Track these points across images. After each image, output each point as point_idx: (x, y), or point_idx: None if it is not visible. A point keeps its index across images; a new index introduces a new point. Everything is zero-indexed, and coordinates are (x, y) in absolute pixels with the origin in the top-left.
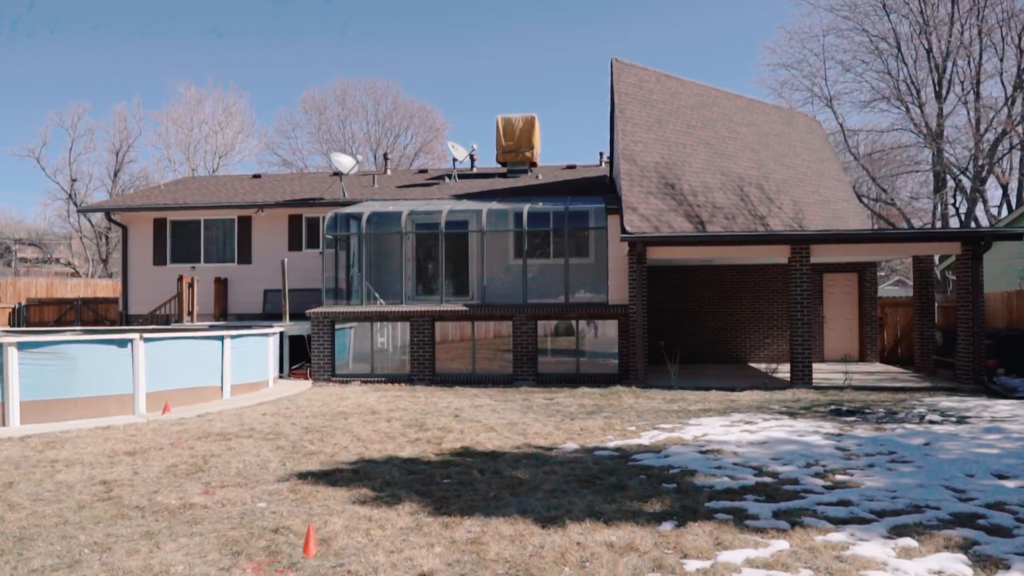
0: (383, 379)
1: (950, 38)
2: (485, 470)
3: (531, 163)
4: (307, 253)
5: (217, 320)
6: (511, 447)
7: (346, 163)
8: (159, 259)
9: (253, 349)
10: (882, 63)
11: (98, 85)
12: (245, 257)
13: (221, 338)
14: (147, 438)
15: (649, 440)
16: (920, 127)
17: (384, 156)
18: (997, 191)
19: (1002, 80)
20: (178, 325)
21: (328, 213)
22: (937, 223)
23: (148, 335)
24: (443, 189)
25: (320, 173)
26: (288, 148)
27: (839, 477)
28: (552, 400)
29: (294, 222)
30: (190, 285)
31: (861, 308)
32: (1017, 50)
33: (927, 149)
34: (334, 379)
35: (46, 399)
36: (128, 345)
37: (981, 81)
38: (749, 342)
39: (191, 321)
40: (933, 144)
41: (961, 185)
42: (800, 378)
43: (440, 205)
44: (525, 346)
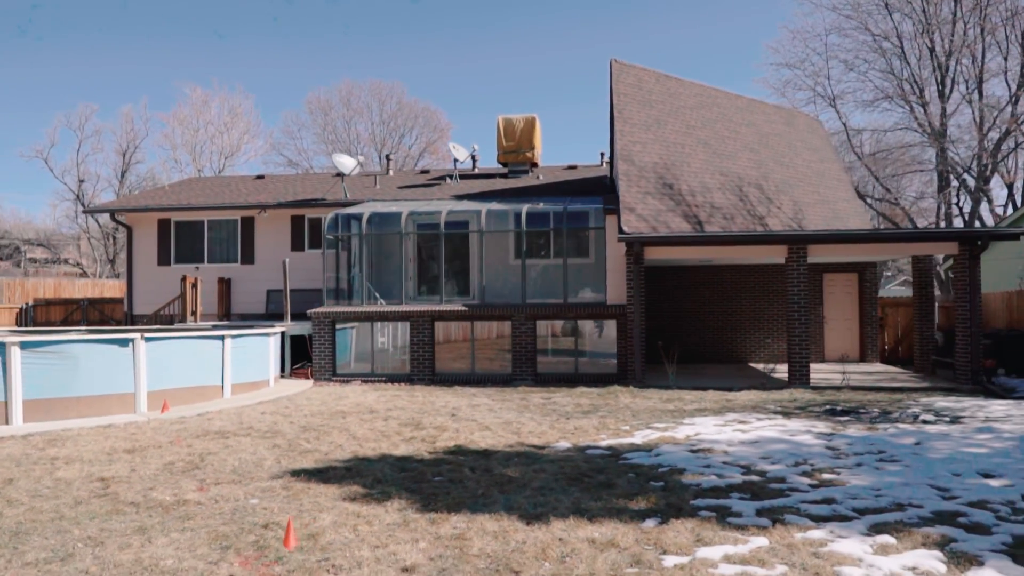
0: (384, 379)
1: (952, 37)
2: (476, 468)
3: (532, 163)
4: (309, 253)
5: (221, 320)
6: (504, 446)
7: (347, 164)
8: (163, 259)
9: (254, 349)
10: (885, 62)
11: (105, 87)
12: (248, 257)
13: (221, 338)
14: (147, 436)
15: (641, 439)
16: (924, 126)
17: (386, 157)
18: (1002, 191)
19: (1006, 79)
20: (182, 325)
21: (329, 214)
22: (941, 223)
23: (149, 335)
24: (444, 190)
25: (323, 174)
26: (294, 149)
27: (826, 476)
28: (549, 400)
29: (296, 223)
30: (193, 285)
31: (862, 308)
32: (1021, 49)
33: (931, 148)
34: (335, 379)
35: (48, 398)
36: (129, 345)
37: (984, 80)
38: (749, 342)
39: (195, 321)
40: (936, 143)
41: (965, 184)
42: (798, 378)
43: (440, 205)
44: (524, 346)
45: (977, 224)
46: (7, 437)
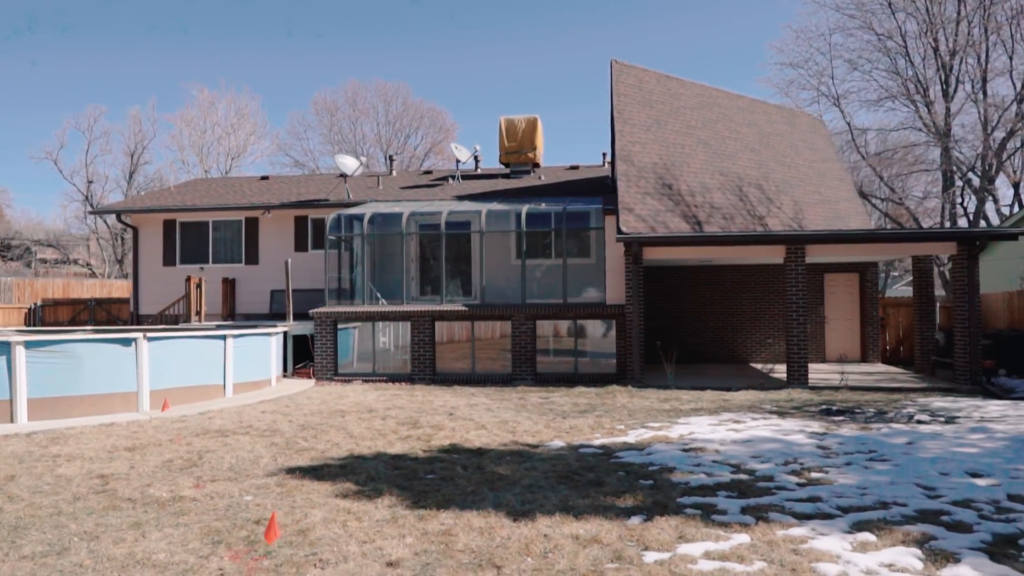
0: (385, 378)
1: (956, 36)
2: (468, 466)
3: (534, 164)
4: (312, 254)
5: (225, 320)
6: (498, 444)
7: (350, 164)
8: (169, 260)
9: (256, 349)
10: (889, 61)
11: (114, 88)
12: (252, 258)
13: (223, 337)
14: (148, 435)
15: (635, 438)
16: (928, 126)
17: (389, 158)
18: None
19: (1011, 78)
20: (186, 325)
21: (332, 214)
22: (946, 223)
23: (151, 335)
24: (446, 190)
25: (326, 175)
26: (300, 149)
27: (814, 475)
28: (547, 399)
29: (300, 223)
30: (198, 285)
31: (863, 308)
32: None
33: (936, 148)
34: (337, 378)
35: (52, 396)
36: (132, 344)
37: (989, 79)
38: (750, 342)
39: (199, 321)
40: (941, 143)
41: (970, 184)
42: (796, 378)
43: (441, 206)
44: (524, 346)
45: (982, 224)
46: (11, 435)
